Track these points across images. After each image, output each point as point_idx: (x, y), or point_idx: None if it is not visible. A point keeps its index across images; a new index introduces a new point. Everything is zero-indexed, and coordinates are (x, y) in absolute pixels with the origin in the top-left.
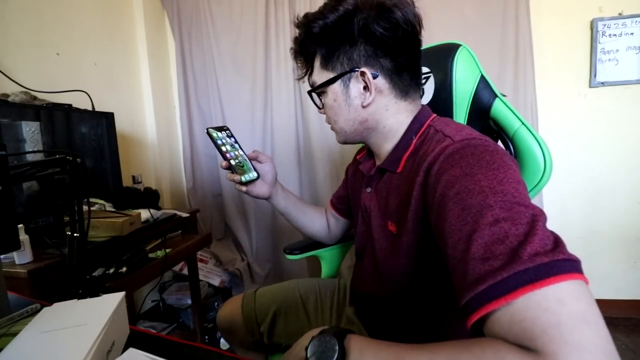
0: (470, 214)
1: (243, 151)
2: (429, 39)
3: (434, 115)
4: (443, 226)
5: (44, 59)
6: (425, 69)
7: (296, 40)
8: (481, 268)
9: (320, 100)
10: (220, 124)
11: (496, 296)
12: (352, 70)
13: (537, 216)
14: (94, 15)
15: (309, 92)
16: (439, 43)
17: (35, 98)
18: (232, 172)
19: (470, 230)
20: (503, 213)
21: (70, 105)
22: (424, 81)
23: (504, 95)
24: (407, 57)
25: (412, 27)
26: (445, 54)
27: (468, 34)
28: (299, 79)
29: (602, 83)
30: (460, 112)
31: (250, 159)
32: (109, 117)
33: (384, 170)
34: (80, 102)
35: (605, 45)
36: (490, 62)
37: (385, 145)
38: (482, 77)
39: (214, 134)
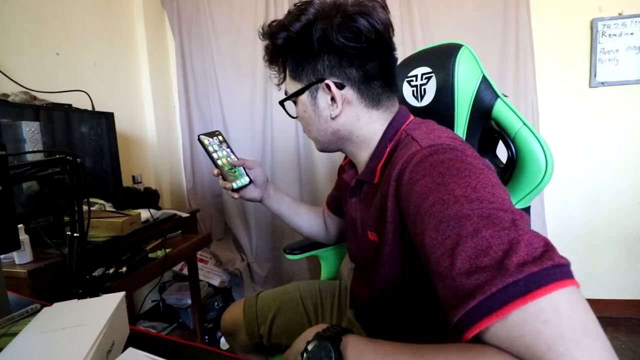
0: (450, 227)
1: (235, 156)
2: (429, 39)
3: (411, 118)
4: (423, 240)
5: (44, 59)
6: (426, 69)
7: (267, 50)
8: (468, 283)
9: (296, 108)
10: (216, 128)
11: (488, 312)
12: (317, 82)
13: (517, 220)
14: (93, 15)
15: (280, 103)
16: (440, 43)
17: (35, 98)
18: (224, 179)
19: (452, 243)
20: (482, 221)
21: (70, 105)
22: (425, 81)
23: (505, 96)
24: (377, 65)
25: (378, 34)
26: (447, 54)
27: (468, 33)
28: (277, 85)
29: (602, 83)
30: (462, 112)
31: (237, 167)
32: (109, 117)
33: (363, 182)
34: (80, 102)
35: (605, 45)
36: (490, 62)
37: (362, 155)
38: (484, 77)
39: (206, 140)
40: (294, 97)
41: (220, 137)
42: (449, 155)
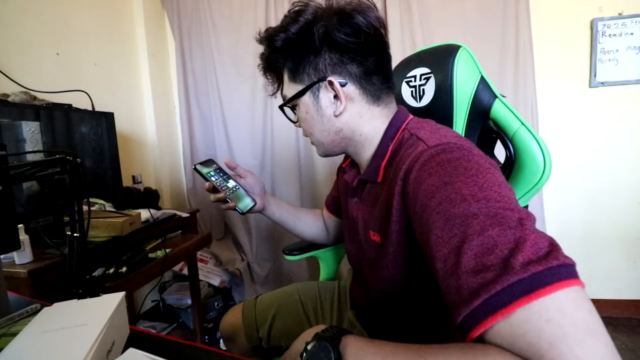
0: (456, 225)
1: (235, 181)
2: (429, 39)
3: (411, 117)
4: (428, 239)
5: (44, 59)
6: (425, 70)
7: (262, 56)
8: (474, 282)
9: (294, 113)
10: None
11: (493, 311)
12: (319, 81)
13: (524, 219)
14: (93, 15)
15: (280, 107)
16: (439, 44)
17: (35, 98)
18: (226, 201)
19: (458, 242)
20: (489, 220)
21: (70, 105)
22: (424, 82)
23: (503, 96)
24: (375, 61)
25: (376, 30)
26: (445, 55)
27: (468, 34)
28: (271, 95)
29: (602, 83)
30: (460, 113)
31: (239, 190)
32: (109, 117)
33: (366, 181)
34: (80, 102)
35: (605, 45)
36: (490, 62)
37: (364, 154)
38: (482, 78)
39: (203, 170)
40: (295, 99)
41: (215, 165)
42: (457, 154)
